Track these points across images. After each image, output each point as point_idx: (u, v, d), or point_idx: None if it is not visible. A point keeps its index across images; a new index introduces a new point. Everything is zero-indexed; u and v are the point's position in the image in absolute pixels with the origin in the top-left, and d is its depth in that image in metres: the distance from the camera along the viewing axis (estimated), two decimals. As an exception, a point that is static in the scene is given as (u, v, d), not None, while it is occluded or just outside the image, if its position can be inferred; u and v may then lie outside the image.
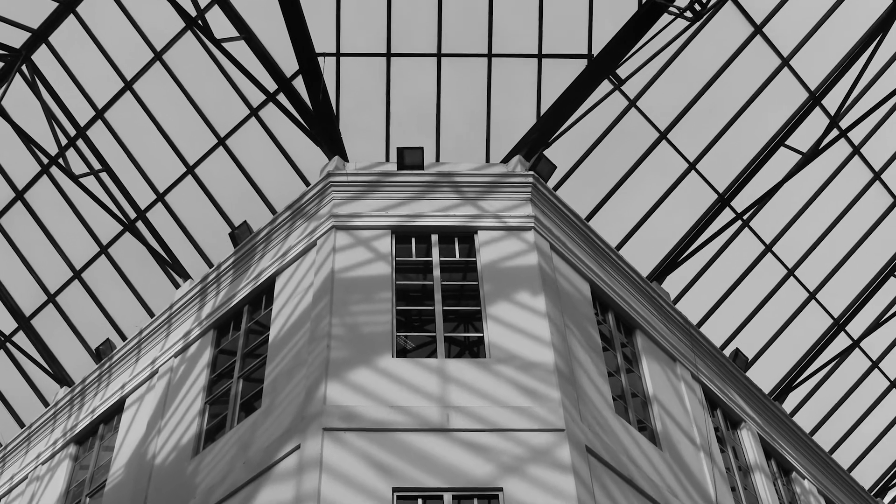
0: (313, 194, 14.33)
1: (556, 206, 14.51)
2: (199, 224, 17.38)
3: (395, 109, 16.35)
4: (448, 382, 11.56)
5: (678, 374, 14.74)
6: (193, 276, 16.64)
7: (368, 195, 14.17)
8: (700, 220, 17.07)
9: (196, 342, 14.51)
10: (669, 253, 16.94)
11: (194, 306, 15.11)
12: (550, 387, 11.54)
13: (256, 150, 16.97)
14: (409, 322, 12.78)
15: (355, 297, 12.62)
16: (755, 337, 18.11)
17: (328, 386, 11.41)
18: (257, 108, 16.68)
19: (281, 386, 12.12)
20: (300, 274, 13.61)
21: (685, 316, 15.87)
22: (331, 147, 15.25)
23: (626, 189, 16.86)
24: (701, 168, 17.08)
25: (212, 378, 13.70)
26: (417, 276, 13.40)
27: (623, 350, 14.10)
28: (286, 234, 14.45)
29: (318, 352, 11.93)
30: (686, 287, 17.39)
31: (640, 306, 14.96)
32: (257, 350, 13.50)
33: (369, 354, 11.86)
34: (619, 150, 16.89)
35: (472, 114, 16.66)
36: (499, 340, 12.16)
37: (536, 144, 15.24)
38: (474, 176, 14.35)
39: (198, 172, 17.15)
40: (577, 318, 13.21)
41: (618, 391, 13.21)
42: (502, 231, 13.70)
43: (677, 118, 16.90)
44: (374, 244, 13.44)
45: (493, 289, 12.86)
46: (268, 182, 16.88)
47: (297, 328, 12.75)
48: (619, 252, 15.40)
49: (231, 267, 14.91)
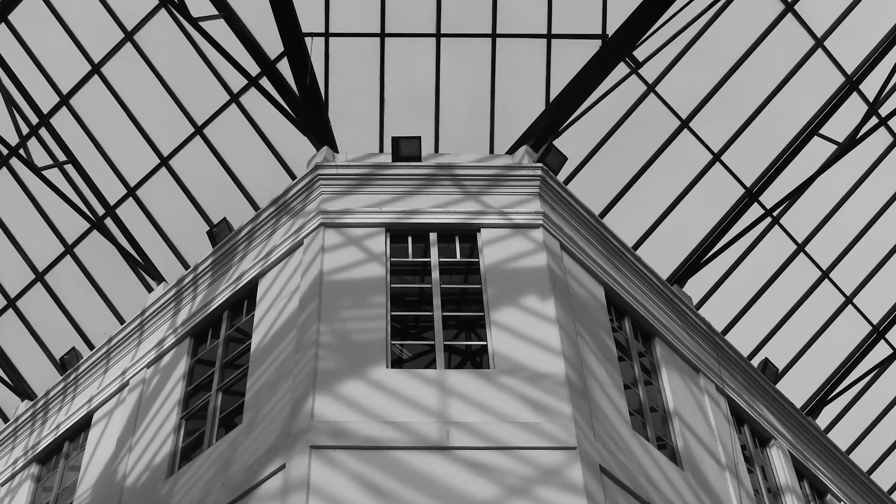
0: (300, 188, 14.32)
1: (567, 201, 14.50)
2: (174, 221, 17.37)
3: (390, 95, 16.35)
4: (448, 396, 11.55)
5: (701, 387, 14.72)
6: (168, 278, 16.63)
7: (360, 189, 14.15)
8: (725, 216, 17.05)
9: (171, 351, 14.49)
10: (691, 253, 16.93)
11: (169, 312, 15.10)
12: (561, 401, 11.52)
13: (237, 140, 16.96)
14: (405, 329, 12.75)
15: (346, 302, 12.60)
16: (786, 346, 18.10)
17: (316, 399, 11.40)
18: (238, 93, 16.65)
19: (264, 399, 12.09)
20: (285, 276, 13.59)
21: (709, 322, 15.86)
22: (319, 137, 15.23)
23: (643, 183, 16.87)
24: (726, 160, 17.06)
25: (188, 391, 13.68)
26: (414, 278, 13.36)
27: (641, 360, 14.08)
28: (270, 233, 14.43)
29: (304, 362, 11.91)
30: (710, 291, 17.38)
31: (660, 312, 14.94)
32: (238, 360, 13.48)
33: (361, 365, 11.85)
34: (636, 140, 16.88)
35: (474, 100, 16.66)
36: (504, 349, 12.15)
37: (545, 134, 15.22)
38: (477, 168, 14.33)
39: (173, 164, 17.13)
40: (591, 325, 13.19)
41: (635, 405, 13.19)
42: (508, 229, 13.69)
43: (700, 105, 16.87)
44: (366, 243, 13.42)
45: (498, 292, 12.84)
46: (249, 175, 16.87)
47: (281, 336, 12.73)
48: (636, 252, 15.39)
49: (209, 268, 14.89)
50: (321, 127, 15.30)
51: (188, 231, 17.20)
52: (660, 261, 16.36)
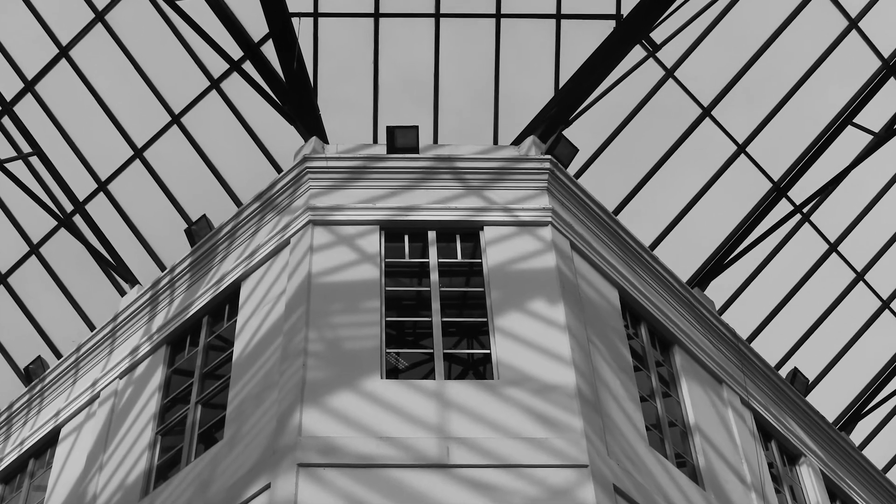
0: (286, 183, 14.33)
1: (578, 196, 14.50)
2: (150, 219, 17.37)
3: (385, 81, 16.36)
4: (448, 409, 11.55)
5: (725, 399, 14.72)
6: (142, 281, 16.63)
7: (352, 183, 14.16)
8: (751, 214, 17.06)
9: (145, 360, 14.49)
10: (714, 254, 16.93)
11: (143, 317, 15.10)
12: (571, 414, 11.53)
13: (218, 130, 16.96)
14: (401, 336, 12.75)
15: (337, 307, 12.61)
16: (817, 354, 18.11)
17: (304, 413, 11.40)
18: (219, 79, 16.65)
19: (247, 413, 12.10)
20: (270, 278, 13.60)
21: (733, 329, 15.87)
22: (307, 126, 15.24)
23: (661, 177, 16.87)
24: (752, 151, 17.07)
25: (164, 403, 13.68)
26: (411, 280, 13.36)
27: (658, 370, 14.09)
28: (253, 231, 14.44)
29: (291, 372, 11.92)
30: (734, 294, 17.38)
31: (679, 317, 14.95)
32: (219, 370, 13.48)
33: (353, 375, 11.85)
34: (653, 130, 16.89)
35: (476, 86, 16.66)
36: (509, 358, 12.15)
37: (554, 123, 15.23)
38: (479, 161, 14.34)
39: (147, 157, 17.13)
40: (604, 332, 13.20)
41: (652, 419, 13.20)
42: (513, 227, 13.70)
43: (723, 91, 16.87)
44: (359, 242, 13.43)
45: (503, 296, 12.85)
46: (231, 168, 16.87)
47: (266, 344, 12.73)
48: (653, 252, 15.39)
49: (187, 270, 14.90)
50: (309, 115, 15.30)
51: (164, 229, 17.21)
52: (679, 262, 16.40)
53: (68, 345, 17.16)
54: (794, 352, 17.94)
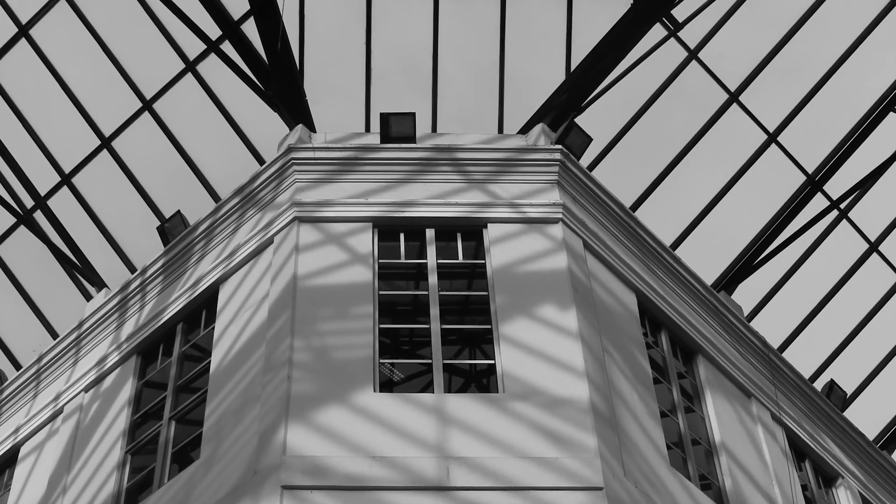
0: (269, 175, 14.33)
1: (592, 190, 14.51)
2: (118, 215, 17.37)
3: (378, 63, 16.36)
4: (448, 425, 11.55)
5: (754, 415, 14.73)
6: (110, 284, 16.63)
7: (342, 176, 14.17)
8: (782, 210, 17.07)
9: (114, 372, 14.50)
10: (741, 254, 16.94)
11: (111, 324, 15.11)
12: (584, 431, 11.54)
13: (194, 118, 16.96)
14: (396, 345, 12.75)
15: (325, 312, 12.61)
16: (856, 366, 18.10)
17: (289, 430, 11.40)
18: (195, 61, 16.67)
19: (226, 430, 12.10)
20: (252, 281, 13.60)
21: (763, 337, 15.87)
22: (293, 113, 15.24)
23: (683, 169, 16.88)
24: (783, 140, 17.07)
25: (135, 419, 13.69)
26: (408, 283, 13.37)
27: (681, 382, 14.09)
28: (233, 229, 14.45)
29: (275, 385, 11.92)
30: (764, 299, 17.40)
31: (704, 324, 14.96)
32: (195, 382, 13.49)
33: (343, 388, 11.86)
34: (674, 118, 16.89)
35: (479, 69, 16.66)
36: (515, 370, 12.16)
37: (566, 109, 15.24)
38: (483, 151, 14.35)
39: (116, 147, 17.13)
40: (620, 340, 13.20)
41: (674, 437, 13.20)
42: (520, 224, 13.71)
43: (752, 74, 16.88)
44: (349, 241, 13.43)
45: (508, 301, 12.85)
46: (209, 160, 16.88)
47: (247, 353, 12.74)
48: (674, 253, 15.39)
49: (160, 272, 14.91)
50: (295, 101, 15.30)
51: (135, 227, 17.22)
52: (703, 263, 16.39)
53: (28, 355, 17.17)
54: (831, 362, 17.94)
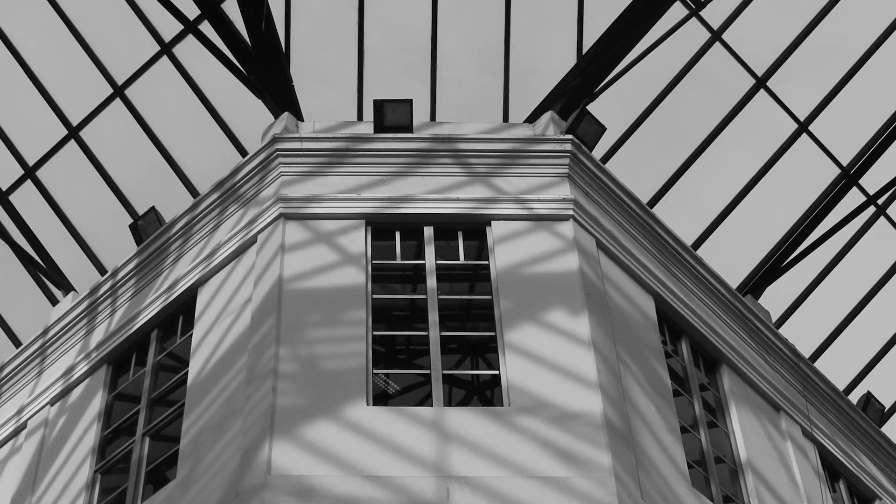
0: (252, 168, 14.33)
1: (606, 185, 14.50)
2: (87, 212, 17.36)
3: (371, 45, 16.33)
4: (448, 442, 11.55)
5: (783, 430, 14.73)
6: (78, 287, 16.62)
7: (332, 169, 14.17)
8: (814, 206, 17.06)
9: (82, 383, 14.50)
10: (769, 254, 16.94)
11: (79, 331, 15.10)
12: (597, 448, 11.54)
13: (170, 105, 16.96)
14: (391, 354, 12.73)
15: (313, 318, 12.61)
16: (895, 377, 18.07)
17: (274, 447, 11.40)
18: (170, 43, 16.65)
19: (205, 447, 12.09)
20: (233, 284, 13.60)
21: (793, 345, 15.86)
22: (278, 100, 15.24)
23: (706, 161, 16.87)
24: (816, 130, 17.05)
25: (105, 435, 13.69)
26: (404, 286, 13.38)
27: (703, 395, 14.08)
28: (213, 227, 14.44)
29: (258, 397, 11.91)
30: (794, 304, 17.38)
31: (728, 331, 14.95)
32: (171, 395, 13.47)
33: (334, 401, 11.85)
34: (696, 106, 16.90)
35: (482, 52, 16.65)
36: (522, 381, 12.15)
37: (577, 96, 15.24)
38: (486, 142, 14.35)
39: (84, 137, 17.11)
40: (637, 349, 13.20)
41: (695, 454, 13.20)
42: (527, 221, 13.70)
43: (781, 58, 16.86)
44: (340, 240, 13.43)
45: (514, 305, 12.85)
46: (186, 151, 16.86)
47: (228, 363, 12.74)
48: (696, 253, 15.38)
49: (132, 274, 14.90)
50: (280, 87, 15.30)
51: (105, 225, 17.21)
52: (728, 264, 16.38)
53: (-11, 364, 17.15)
54: (867, 373, 17.93)
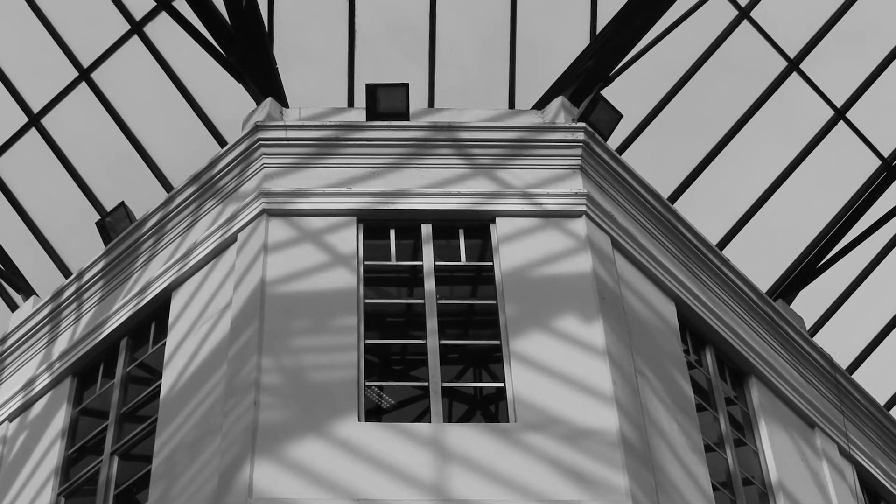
0: (232, 160, 14.33)
1: (622, 178, 14.50)
2: (49, 208, 17.34)
3: (363, 24, 16.32)
4: (448, 461, 11.55)
5: (818, 449, 14.73)
6: (39, 291, 16.62)
7: (320, 161, 14.17)
8: (852, 201, 17.08)
9: (44, 397, 14.50)
10: (803, 255, 16.94)
11: (41, 339, 15.09)
12: (613, 469, 11.54)
13: (141, 90, 16.94)
14: (385, 365, 12.71)
15: (299, 325, 12.61)
16: (941, 389, 18.10)
17: (256, 467, 11.39)
18: (141, 21, 16.63)
19: (180, 467, 12.09)
20: (211, 287, 13.60)
21: (829, 355, 15.85)
22: (260, 84, 15.24)
23: (732, 152, 16.86)
24: (853, 117, 17.03)
25: (69, 454, 13.70)
26: (399, 290, 13.37)
27: (729, 409, 14.07)
28: (189, 224, 14.44)
29: (239, 413, 11.91)
30: (829, 309, 17.38)
31: (757, 340, 14.95)
32: (142, 410, 13.47)
33: (322, 417, 11.85)
34: (721, 91, 16.89)
35: (486, 32, 16.64)
36: (529, 394, 12.15)
37: (590, 80, 15.26)
38: (490, 130, 14.35)
39: (46, 125, 17.10)
40: (656, 359, 13.19)
41: (720, 475, 13.20)
42: (535, 218, 13.70)
43: (816, 37, 16.85)
44: (329, 239, 13.43)
45: (521, 311, 12.85)
46: (158, 140, 16.85)
47: (205, 375, 12.74)
48: (722, 253, 15.37)
49: (100, 276, 14.90)
50: (263, 70, 15.29)
51: (70, 222, 17.19)
52: (757, 266, 16.38)
53: (-59, 376, 17.16)
54: (911, 385, 17.96)
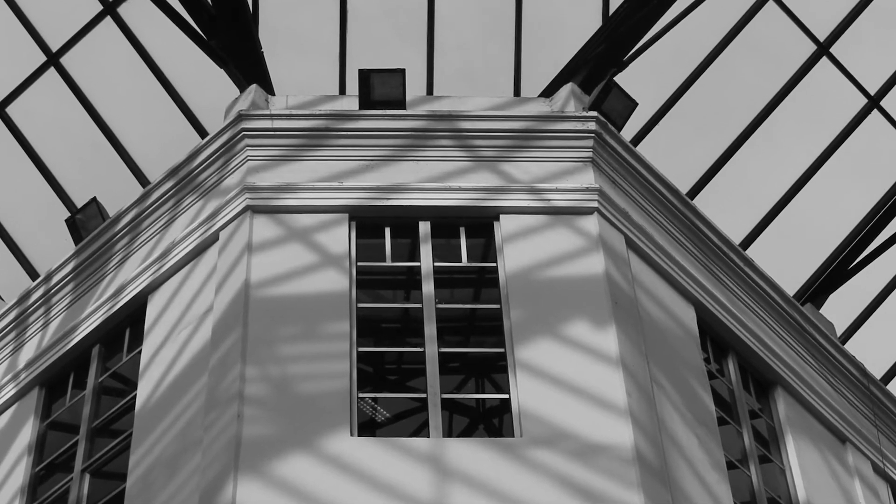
0: (214, 152, 14.33)
1: (637, 171, 14.50)
2: (15, 204, 17.36)
3: (356, 4, 16.34)
4: (448, 479, 11.56)
5: (850, 465, 14.74)
6: (4, 294, 16.63)
7: (310, 153, 14.18)
8: (886, 198, 17.06)
9: (9, 410, 14.52)
10: (833, 256, 16.93)
11: (6, 347, 15.12)
12: (627, 487, 11.56)
13: (114, 77, 16.95)
14: (380, 374, 12.72)
15: (286, 331, 12.62)
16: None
17: (239, 485, 11.40)
18: (115, 1, 16.63)
19: (157, 485, 12.10)
20: (190, 290, 13.61)
21: (861, 364, 15.86)
22: (244, 70, 15.25)
23: (756, 144, 16.86)
24: (888, 106, 17.04)
25: (37, 472, 13.70)
26: (395, 293, 13.39)
27: (753, 423, 14.08)
28: (167, 222, 14.45)
29: (221, 426, 11.91)
30: (862, 314, 17.39)
31: (784, 347, 14.96)
32: (115, 423, 13.47)
33: (311, 431, 11.86)
34: (744, 77, 16.90)
35: (489, 13, 16.66)
36: (536, 407, 12.17)
37: (602, 66, 15.27)
38: (494, 120, 14.36)
39: (11, 113, 17.12)
40: (674, 368, 13.21)
41: (744, 494, 13.22)
42: (543, 215, 13.71)
43: (846, 20, 16.86)
44: (319, 238, 13.44)
45: (527, 316, 12.86)
46: (133, 131, 16.86)
47: (184, 385, 12.74)
48: (745, 254, 15.37)
49: (70, 279, 14.90)
50: (247, 55, 15.30)
51: (37, 219, 17.20)
52: (783, 267, 16.38)
53: None
54: (950, 397, 17.96)
